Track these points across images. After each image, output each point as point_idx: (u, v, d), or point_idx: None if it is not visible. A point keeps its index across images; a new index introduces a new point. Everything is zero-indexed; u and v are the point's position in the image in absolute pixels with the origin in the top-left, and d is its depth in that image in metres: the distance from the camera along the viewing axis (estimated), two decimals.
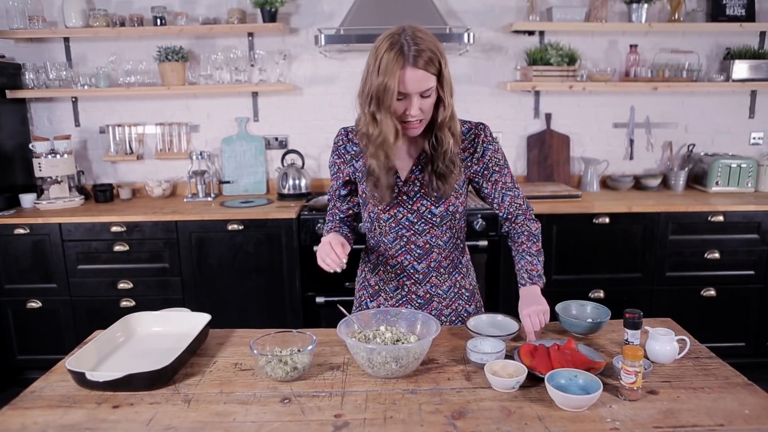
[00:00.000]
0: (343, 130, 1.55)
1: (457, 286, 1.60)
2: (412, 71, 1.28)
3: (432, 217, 1.49)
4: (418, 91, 1.31)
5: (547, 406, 1.13)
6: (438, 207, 1.48)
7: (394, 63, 1.27)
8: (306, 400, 1.16)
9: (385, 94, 1.29)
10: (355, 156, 1.52)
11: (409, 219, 1.49)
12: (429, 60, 1.28)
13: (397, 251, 1.54)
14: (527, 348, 1.30)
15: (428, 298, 1.57)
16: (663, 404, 1.13)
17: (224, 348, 1.43)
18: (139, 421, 1.10)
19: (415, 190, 1.48)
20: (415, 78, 1.28)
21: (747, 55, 3.16)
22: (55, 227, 2.86)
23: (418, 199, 1.48)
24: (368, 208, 1.52)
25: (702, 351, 1.36)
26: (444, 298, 1.58)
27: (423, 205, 1.48)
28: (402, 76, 1.28)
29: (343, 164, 1.54)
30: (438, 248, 1.53)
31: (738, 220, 2.87)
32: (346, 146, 1.53)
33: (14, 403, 1.18)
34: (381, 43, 1.31)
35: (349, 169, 1.54)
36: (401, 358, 1.20)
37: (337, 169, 1.56)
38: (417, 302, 1.56)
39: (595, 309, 1.49)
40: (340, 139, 1.54)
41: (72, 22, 3.04)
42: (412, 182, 1.48)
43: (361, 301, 1.66)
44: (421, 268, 1.54)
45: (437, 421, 1.08)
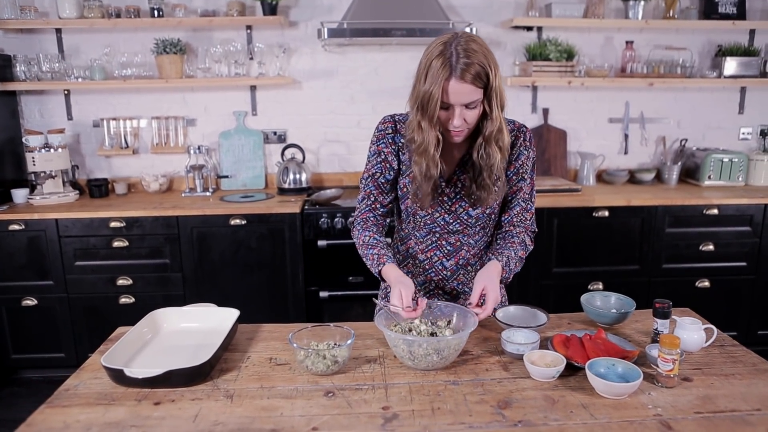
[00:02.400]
0: (390, 118, 1.49)
1: None
2: (458, 84, 1.27)
3: (468, 219, 1.49)
4: (462, 103, 1.30)
5: (588, 394, 1.15)
6: (476, 209, 1.48)
7: (440, 72, 1.26)
8: (350, 393, 1.16)
9: (429, 102, 1.29)
10: (402, 148, 1.48)
11: (445, 219, 1.50)
12: (476, 74, 1.26)
13: (428, 246, 1.54)
14: (560, 338, 1.33)
15: (455, 295, 1.58)
16: (699, 390, 1.16)
17: (254, 343, 1.42)
18: (184, 417, 1.09)
19: (456, 192, 1.48)
20: (460, 91, 1.28)
21: (738, 53, 3.24)
22: (52, 223, 2.79)
23: (457, 200, 1.48)
24: (406, 203, 1.51)
25: (725, 339, 1.40)
26: (470, 296, 1.58)
27: (461, 207, 1.48)
28: (446, 87, 1.27)
29: (390, 154, 1.48)
30: (468, 246, 1.54)
31: (731, 213, 2.95)
32: (395, 136, 1.48)
33: (51, 402, 1.16)
34: (433, 48, 1.30)
35: (396, 159, 1.49)
36: (442, 350, 1.21)
37: (384, 159, 1.48)
38: (443, 298, 1.57)
39: (618, 300, 1.52)
40: (388, 127, 1.48)
41: (66, 13, 2.96)
42: (454, 183, 1.48)
43: (387, 291, 1.64)
44: (450, 265, 1.55)
45: (484, 411, 1.10)
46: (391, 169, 1.49)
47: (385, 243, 1.50)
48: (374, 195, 1.51)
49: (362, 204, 1.53)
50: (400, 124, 1.48)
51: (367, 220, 1.52)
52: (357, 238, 1.52)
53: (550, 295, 2.97)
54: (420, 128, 1.34)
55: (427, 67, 1.29)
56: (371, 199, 1.52)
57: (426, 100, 1.29)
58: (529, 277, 2.96)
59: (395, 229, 1.64)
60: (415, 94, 1.34)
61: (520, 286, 2.96)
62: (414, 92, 1.34)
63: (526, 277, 2.96)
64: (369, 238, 1.48)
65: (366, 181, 1.52)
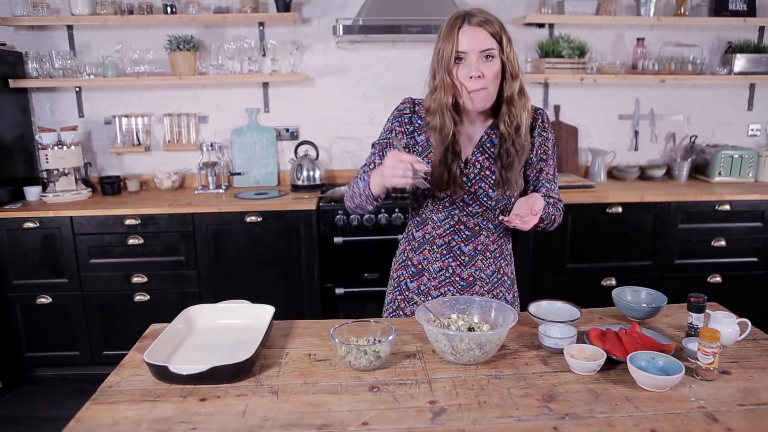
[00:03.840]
0: (410, 99, 1.53)
1: (501, 273, 1.60)
2: (470, 28, 1.34)
3: (488, 200, 1.49)
4: (477, 50, 1.34)
5: (630, 387, 1.16)
6: (495, 190, 1.49)
7: (452, 25, 1.36)
8: (395, 388, 1.17)
9: (444, 54, 1.36)
10: (418, 129, 1.50)
11: (465, 200, 1.50)
12: (486, 20, 1.35)
13: (446, 230, 1.54)
14: (596, 332, 1.34)
15: (471, 281, 1.56)
16: (739, 383, 1.17)
17: (291, 339, 1.43)
18: (233, 413, 1.10)
19: (475, 173, 1.49)
20: (472, 36, 1.33)
21: (748, 49, 3.27)
22: (66, 221, 2.79)
23: (477, 181, 1.49)
24: None
25: (758, 333, 1.42)
26: (486, 283, 1.58)
27: (481, 188, 1.49)
28: (459, 35, 1.34)
29: (401, 133, 1.51)
30: (487, 231, 1.54)
31: (743, 209, 2.98)
32: (412, 117, 1.51)
33: (96, 398, 1.16)
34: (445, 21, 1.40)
35: (408, 140, 1.51)
36: (484, 345, 1.22)
37: (394, 135, 1.51)
38: (460, 284, 1.56)
39: (648, 294, 1.53)
40: (406, 107, 1.51)
41: (78, 10, 2.95)
42: (473, 164, 1.49)
43: (400, 281, 1.63)
44: (468, 250, 1.55)
45: (530, 404, 1.11)
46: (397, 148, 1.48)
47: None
48: (376, 164, 1.52)
49: (361, 170, 1.54)
50: (419, 106, 1.52)
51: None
52: (348, 188, 1.55)
53: (564, 290, 2.99)
54: (435, 90, 1.41)
55: (439, 34, 1.39)
56: (371, 167, 1.52)
57: (441, 55, 1.36)
58: (543, 273, 2.98)
59: (409, 216, 1.64)
60: (432, 67, 1.41)
61: (534, 282, 2.98)
62: (432, 67, 1.42)
63: (540, 273, 2.98)
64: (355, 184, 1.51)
65: (374, 150, 1.54)
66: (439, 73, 1.39)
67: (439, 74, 1.39)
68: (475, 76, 1.35)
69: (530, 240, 2.92)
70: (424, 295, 1.59)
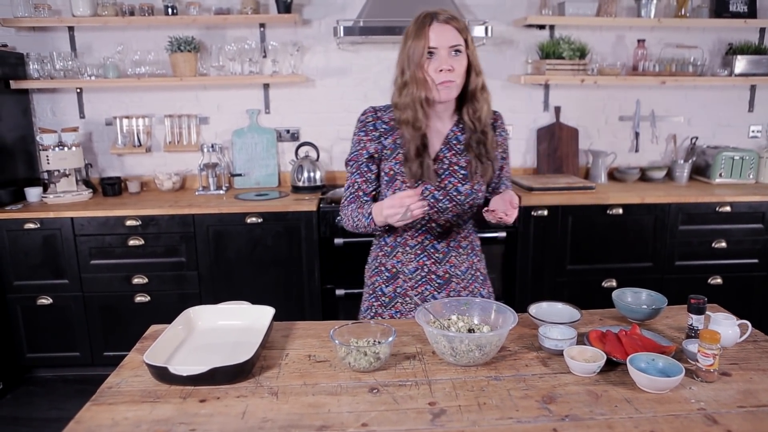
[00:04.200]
0: (371, 108, 1.57)
1: (474, 269, 1.64)
2: (439, 25, 1.41)
3: (457, 195, 1.52)
4: (446, 45, 1.41)
5: (630, 389, 1.16)
6: (464, 185, 1.53)
7: (423, 24, 1.41)
8: (394, 390, 1.17)
9: (416, 51, 1.41)
10: (384, 133, 1.53)
11: (435, 196, 1.52)
12: (453, 17, 1.43)
13: (418, 230, 1.56)
14: (596, 334, 1.34)
15: (447, 278, 1.59)
16: (739, 385, 1.17)
17: (291, 340, 1.43)
18: (232, 414, 1.10)
19: (444, 168, 1.53)
20: (441, 31, 1.40)
21: (748, 51, 3.27)
22: (67, 221, 2.79)
23: (446, 176, 1.52)
24: (395, 185, 1.52)
25: (758, 334, 1.42)
26: (462, 279, 1.61)
27: (450, 183, 1.52)
28: (429, 32, 1.40)
29: (369, 141, 1.54)
30: (458, 227, 1.58)
31: (744, 211, 2.97)
32: (375, 123, 1.54)
33: (96, 399, 1.16)
34: (411, 23, 1.46)
35: (376, 146, 1.54)
36: (484, 346, 1.22)
37: (362, 146, 1.54)
38: (436, 282, 1.58)
39: (649, 296, 1.53)
40: (368, 116, 1.55)
41: (80, 11, 2.95)
42: (441, 161, 1.53)
43: (375, 287, 1.65)
44: (441, 247, 1.57)
45: (530, 405, 1.11)
46: (370, 156, 1.54)
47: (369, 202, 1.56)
48: (358, 183, 1.56)
49: (347, 192, 1.59)
50: (381, 112, 1.56)
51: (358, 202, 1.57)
52: (344, 215, 1.58)
53: (564, 291, 2.99)
54: (405, 86, 1.44)
55: (408, 32, 1.44)
56: (355, 188, 1.57)
57: (413, 51, 1.41)
58: (543, 274, 2.97)
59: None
60: (400, 64, 1.46)
61: (534, 283, 2.98)
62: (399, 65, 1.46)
63: (541, 274, 2.97)
64: (355, 206, 1.55)
65: (351, 168, 1.57)
66: (409, 70, 1.43)
67: (410, 70, 1.43)
68: (445, 69, 1.41)
69: (530, 241, 2.92)
70: (401, 297, 1.61)
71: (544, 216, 2.90)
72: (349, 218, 1.56)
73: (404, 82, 1.44)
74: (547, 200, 2.90)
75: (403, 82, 1.45)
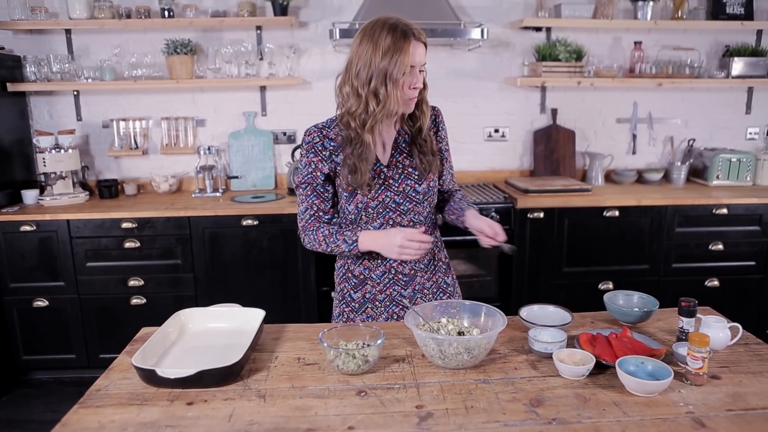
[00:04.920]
0: (315, 128, 1.55)
1: (435, 259, 1.67)
2: (416, 43, 1.42)
3: (416, 195, 1.56)
4: (420, 63, 1.45)
5: (618, 392, 1.16)
6: (421, 185, 1.56)
7: (402, 41, 1.40)
8: (382, 393, 1.17)
9: (396, 68, 1.40)
10: (334, 151, 1.52)
11: (396, 201, 1.55)
12: (423, 33, 1.45)
13: None
14: (586, 337, 1.33)
15: (412, 275, 1.61)
16: (728, 388, 1.17)
17: (281, 343, 1.42)
18: (219, 417, 1.10)
19: (399, 172, 1.56)
20: (419, 52, 1.43)
21: (745, 53, 3.26)
22: (63, 224, 2.79)
23: (402, 180, 1.56)
24: (356, 199, 1.53)
25: (750, 337, 1.41)
26: (425, 272, 1.64)
27: (408, 185, 1.56)
28: (409, 49, 1.41)
29: (320, 161, 1.52)
30: (419, 224, 1.59)
31: (741, 213, 2.97)
32: (323, 143, 1.52)
33: (83, 402, 1.16)
34: (375, 30, 1.42)
35: (329, 165, 1.53)
36: (473, 349, 1.22)
37: (314, 168, 1.53)
38: (403, 280, 1.60)
39: (641, 299, 1.53)
40: (314, 137, 1.53)
41: (76, 14, 2.96)
42: (394, 165, 1.56)
43: (344, 293, 1.65)
44: None
45: (518, 409, 1.10)
46: (324, 176, 1.53)
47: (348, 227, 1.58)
48: (316, 204, 1.56)
49: (305, 215, 1.57)
50: (325, 129, 1.54)
51: (317, 226, 1.56)
52: (313, 240, 1.56)
53: (561, 294, 2.98)
54: (376, 97, 1.42)
55: (381, 44, 1.40)
56: (313, 209, 1.56)
57: (392, 68, 1.39)
58: (539, 277, 2.97)
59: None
60: (366, 73, 1.42)
61: (531, 286, 2.97)
62: (363, 73, 1.42)
63: (537, 277, 2.97)
64: (326, 231, 1.55)
65: (305, 190, 1.55)
66: (383, 84, 1.41)
67: (385, 85, 1.41)
68: (419, 87, 1.46)
69: (526, 244, 2.91)
70: (370, 303, 1.62)
71: (540, 218, 2.90)
72: (321, 243, 1.55)
73: (374, 95, 1.42)
74: (543, 202, 2.90)
75: (372, 94, 1.42)
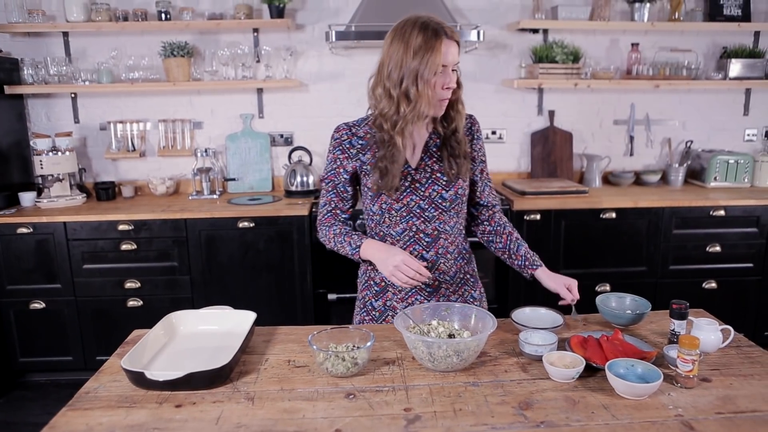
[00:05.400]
0: (345, 125, 1.55)
1: (462, 272, 1.63)
2: (448, 41, 1.38)
3: (442, 202, 1.52)
4: (453, 62, 1.41)
5: (608, 395, 1.15)
6: (448, 191, 1.52)
7: (434, 39, 1.36)
8: (371, 395, 1.17)
9: (427, 68, 1.36)
10: (362, 150, 1.52)
11: (421, 206, 1.52)
12: (454, 32, 1.41)
13: (406, 242, 1.54)
14: (577, 339, 1.33)
15: (436, 286, 1.57)
16: (719, 391, 1.16)
17: (272, 345, 1.42)
18: (207, 420, 1.09)
19: (427, 177, 1.52)
20: (452, 50, 1.40)
21: (743, 54, 3.26)
22: (60, 226, 2.80)
23: (429, 185, 1.52)
24: (381, 199, 1.51)
25: (741, 340, 1.41)
26: (451, 284, 1.60)
27: (434, 191, 1.52)
28: (442, 48, 1.37)
29: (346, 159, 1.53)
30: (445, 234, 1.55)
31: (738, 215, 2.96)
32: (351, 140, 1.52)
33: (72, 404, 1.17)
34: (406, 29, 1.39)
35: (354, 163, 1.53)
36: (462, 352, 1.22)
37: (339, 164, 1.53)
38: (426, 290, 1.57)
39: (633, 301, 1.53)
40: (343, 134, 1.53)
41: (74, 17, 2.97)
42: (423, 169, 1.52)
43: (365, 301, 1.64)
44: (430, 256, 1.55)
45: (506, 412, 1.10)
46: (347, 174, 1.54)
47: (357, 231, 1.56)
48: (334, 202, 1.57)
49: (323, 209, 1.59)
50: (354, 127, 1.54)
51: (332, 223, 1.58)
52: (325, 235, 1.58)
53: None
54: (407, 99, 1.39)
55: (412, 43, 1.37)
56: (332, 206, 1.58)
57: (423, 68, 1.36)
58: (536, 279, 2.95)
59: (367, 235, 1.62)
60: (397, 74, 1.39)
61: (528, 289, 2.96)
62: (394, 73, 1.40)
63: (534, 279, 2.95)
64: (338, 229, 1.55)
65: (327, 185, 1.58)
66: (414, 84, 1.38)
67: (416, 86, 1.38)
68: (452, 87, 1.43)
69: None
70: (391, 311, 1.59)
71: (536, 220, 2.90)
72: (330, 240, 1.57)
73: (405, 96, 1.40)
74: (540, 204, 2.90)
75: (404, 95, 1.40)
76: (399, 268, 1.41)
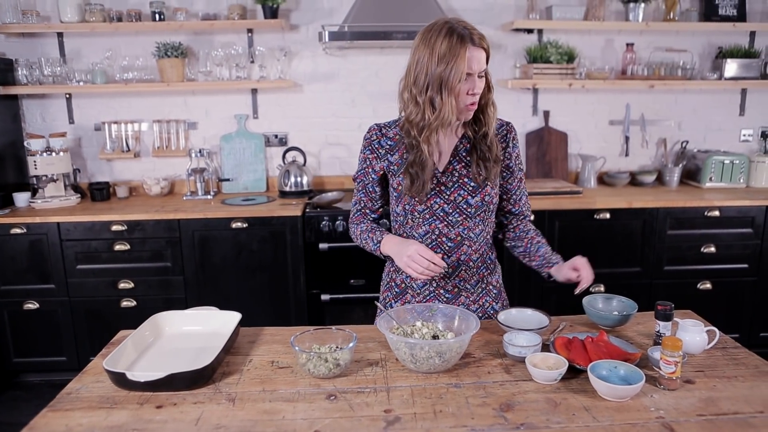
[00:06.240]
0: (376, 125, 1.57)
1: (485, 282, 1.60)
2: (475, 49, 1.36)
3: (467, 208, 1.50)
4: (479, 69, 1.38)
5: (590, 396, 1.15)
6: (474, 197, 1.50)
7: (459, 46, 1.34)
8: (352, 396, 1.16)
9: (451, 75, 1.35)
10: (390, 150, 1.53)
11: (445, 210, 1.50)
12: (483, 37, 1.39)
13: (428, 245, 1.53)
14: (562, 341, 1.33)
15: (456, 293, 1.56)
16: (701, 393, 1.16)
17: (256, 346, 1.42)
18: (186, 420, 1.09)
19: (453, 180, 1.51)
20: (478, 57, 1.37)
21: (738, 54, 3.25)
22: (53, 226, 2.80)
23: (455, 189, 1.50)
24: (404, 200, 1.52)
25: (728, 341, 1.40)
26: (471, 293, 1.58)
27: (460, 195, 1.50)
28: (467, 55, 1.35)
29: (375, 159, 1.55)
30: (469, 240, 1.53)
31: (733, 215, 2.95)
32: (381, 141, 1.54)
33: (53, 405, 1.16)
34: (432, 34, 1.36)
35: (383, 163, 1.54)
36: (444, 353, 1.21)
37: (368, 164, 1.57)
38: (445, 297, 1.56)
39: (620, 302, 1.52)
40: (373, 134, 1.56)
41: (68, 17, 2.97)
42: (450, 173, 1.51)
43: (385, 303, 1.64)
44: (451, 262, 1.53)
45: (487, 413, 1.10)
46: (375, 174, 1.56)
47: (381, 227, 1.59)
48: (363, 201, 1.61)
49: (354, 208, 1.64)
50: (385, 128, 1.56)
51: (360, 221, 1.63)
52: (353, 232, 1.63)
53: (552, 297, 2.97)
54: (432, 106, 1.39)
55: (438, 49, 1.34)
56: (361, 205, 1.62)
57: (447, 74, 1.35)
58: (530, 280, 2.95)
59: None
60: (423, 79, 1.38)
61: (522, 289, 2.96)
62: (420, 79, 1.39)
63: (528, 280, 2.95)
64: (366, 227, 1.59)
65: (357, 186, 1.62)
66: (439, 92, 1.37)
67: (441, 93, 1.37)
68: (477, 93, 1.41)
69: None
70: None
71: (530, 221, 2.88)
72: (358, 238, 1.61)
73: (430, 102, 1.39)
74: (534, 205, 2.82)
75: (429, 102, 1.39)
76: (413, 258, 1.40)
